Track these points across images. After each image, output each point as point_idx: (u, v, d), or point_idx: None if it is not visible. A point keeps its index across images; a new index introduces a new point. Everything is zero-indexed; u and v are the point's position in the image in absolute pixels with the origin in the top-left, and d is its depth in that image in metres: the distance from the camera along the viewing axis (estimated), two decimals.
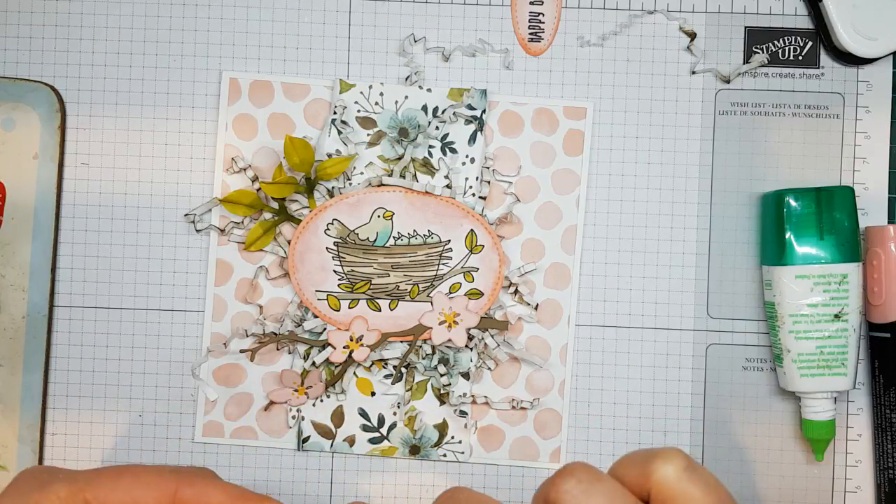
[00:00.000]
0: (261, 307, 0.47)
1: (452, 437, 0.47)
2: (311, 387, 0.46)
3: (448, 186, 0.46)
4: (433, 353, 0.47)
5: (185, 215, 0.47)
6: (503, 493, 0.47)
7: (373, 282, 0.46)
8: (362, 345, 0.46)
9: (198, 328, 0.47)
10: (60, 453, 0.47)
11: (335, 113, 0.46)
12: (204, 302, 0.47)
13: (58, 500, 0.36)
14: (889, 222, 0.47)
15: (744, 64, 0.47)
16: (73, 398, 0.47)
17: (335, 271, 0.46)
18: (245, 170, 0.46)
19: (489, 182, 0.47)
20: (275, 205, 0.46)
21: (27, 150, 0.46)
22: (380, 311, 0.46)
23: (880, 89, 0.47)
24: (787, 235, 0.44)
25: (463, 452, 0.47)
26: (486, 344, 0.46)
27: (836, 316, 0.44)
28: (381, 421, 0.47)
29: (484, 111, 0.47)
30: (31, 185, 0.46)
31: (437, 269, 0.47)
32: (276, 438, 0.47)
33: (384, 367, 0.47)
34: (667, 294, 0.47)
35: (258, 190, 0.46)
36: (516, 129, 0.47)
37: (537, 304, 0.47)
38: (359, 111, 0.47)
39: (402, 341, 0.47)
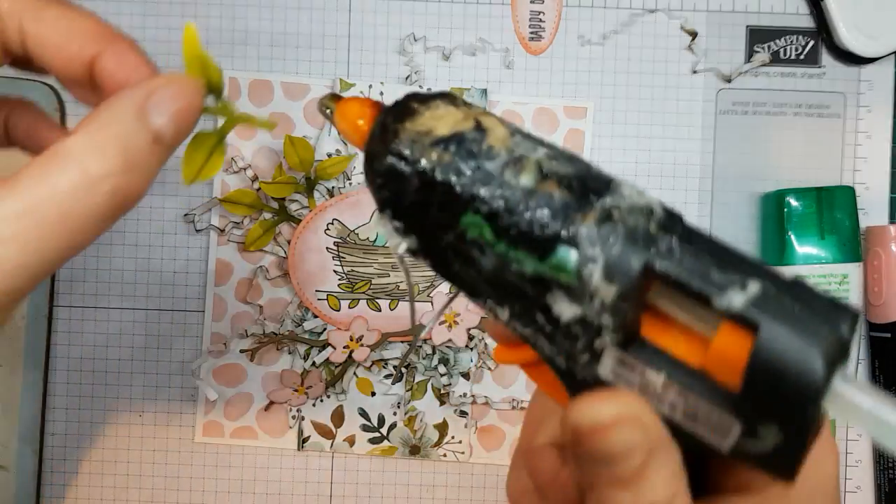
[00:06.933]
0: (261, 307, 0.47)
1: (452, 437, 0.47)
2: (311, 387, 0.46)
3: None
4: (433, 353, 0.47)
5: (185, 215, 0.47)
6: (503, 492, 0.47)
7: (373, 282, 0.46)
8: (362, 345, 0.46)
9: (198, 328, 0.47)
10: (60, 453, 0.47)
11: None
12: (204, 302, 0.47)
13: None
14: (890, 222, 0.47)
15: (745, 63, 0.47)
16: (73, 398, 0.47)
17: (335, 271, 0.46)
18: (245, 170, 0.46)
19: None
20: (275, 205, 0.46)
21: None
22: (380, 311, 0.46)
23: (881, 89, 0.47)
24: (788, 235, 0.44)
25: (463, 452, 0.47)
26: (486, 344, 0.46)
27: None
28: (382, 421, 0.47)
29: None
30: None
31: None
32: (276, 438, 0.47)
33: (384, 367, 0.47)
34: None
35: (258, 190, 0.46)
36: None
37: None
38: None
39: (402, 341, 0.47)
